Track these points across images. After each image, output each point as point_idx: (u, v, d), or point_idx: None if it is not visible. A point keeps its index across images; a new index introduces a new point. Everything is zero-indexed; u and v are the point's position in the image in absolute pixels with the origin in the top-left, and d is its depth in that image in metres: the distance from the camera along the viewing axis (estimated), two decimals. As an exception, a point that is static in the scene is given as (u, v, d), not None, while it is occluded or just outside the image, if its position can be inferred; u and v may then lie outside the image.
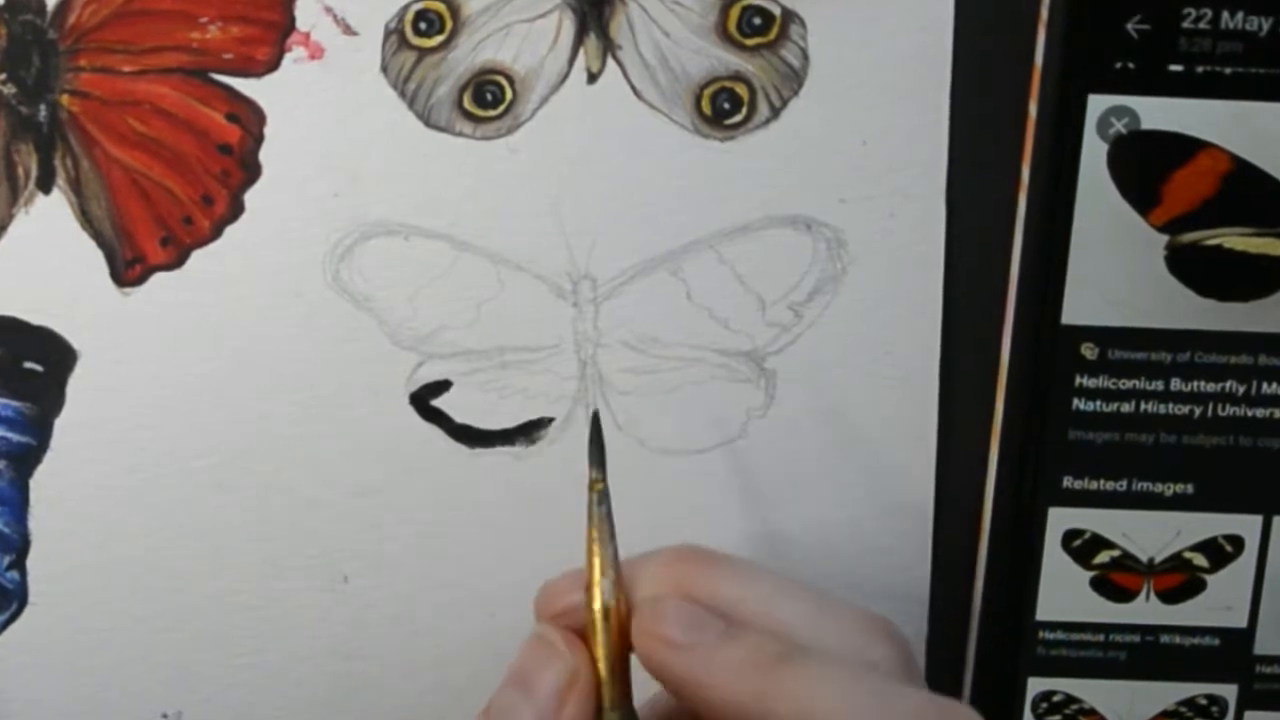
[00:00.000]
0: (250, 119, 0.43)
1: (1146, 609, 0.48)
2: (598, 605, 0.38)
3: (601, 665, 0.37)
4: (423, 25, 0.43)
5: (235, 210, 0.44)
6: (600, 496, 0.39)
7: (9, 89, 0.43)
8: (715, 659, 0.35)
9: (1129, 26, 0.42)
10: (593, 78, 0.44)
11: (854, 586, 0.47)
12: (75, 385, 0.45)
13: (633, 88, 0.44)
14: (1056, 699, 0.49)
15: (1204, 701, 0.49)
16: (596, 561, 0.38)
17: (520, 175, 0.44)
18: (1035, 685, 0.48)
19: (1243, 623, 0.48)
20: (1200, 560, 0.47)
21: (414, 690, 0.48)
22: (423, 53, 0.43)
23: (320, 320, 0.45)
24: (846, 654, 0.36)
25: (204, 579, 0.47)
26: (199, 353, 0.45)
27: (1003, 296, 0.45)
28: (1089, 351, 0.45)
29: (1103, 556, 0.47)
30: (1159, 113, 0.43)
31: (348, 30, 0.43)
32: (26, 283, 0.44)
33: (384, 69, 0.43)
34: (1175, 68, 0.42)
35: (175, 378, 0.45)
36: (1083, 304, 0.45)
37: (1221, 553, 0.47)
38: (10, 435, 0.45)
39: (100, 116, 0.43)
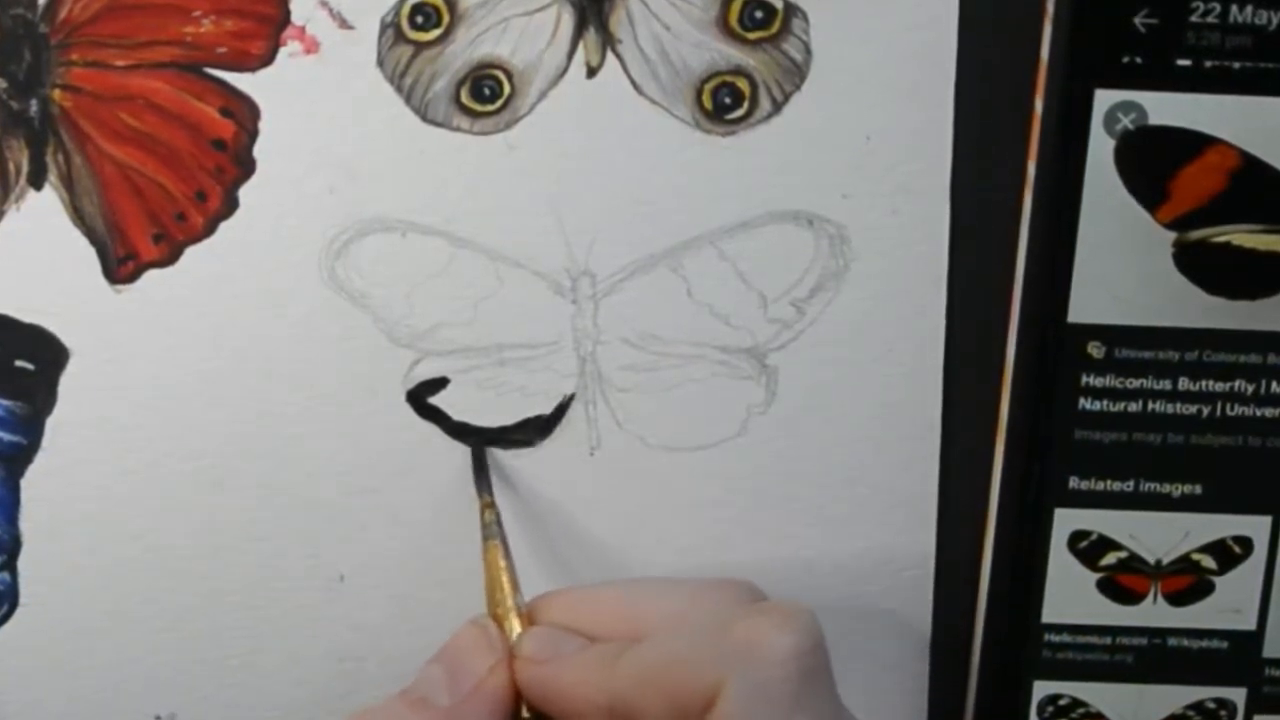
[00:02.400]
0: (244, 114, 0.43)
1: (1154, 611, 0.48)
2: (515, 622, 0.41)
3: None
4: (419, 19, 0.43)
5: (229, 206, 0.44)
6: (496, 515, 0.44)
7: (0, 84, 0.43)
8: (568, 666, 0.39)
9: (1136, 20, 0.42)
10: (592, 72, 0.44)
11: (855, 587, 0.48)
12: (67, 384, 0.45)
13: (633, 82, 0.44)
14: (1062, 702, 0.49)
15: (1212, 705, 0.49)
16: (506, 579, 0.42)
17: (519, 171, 0.44)
18: (1041, 688, 0.49)
19: (1251, 625, 0.48)
20: (1208, 562, 0.47)
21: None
22: (419, 47, 0.43)
23: (316, 318, 0.45)
24: (692, 611, 0.39)
25: (198, 579, 0.47)
26: (193, 351, 0.45)
27: (1007, 294, 0.46)
28: (1095, 350, 0.45)
29: (1109, 558, 0.47)
30: (1166, 108, 0.43)
31: (343, 24, 0.43)
32: (17, 280, 0.44)
33: (380, 63, 0.43)
34: (1183, 62, 0.42)
35: (169, 376, 0.45)
36: (1089, 302, 0.45)
37: (1230, 554, 0.47)
38: (1, 435, 0.45)
39: (92, 111, 0.43)
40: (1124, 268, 0.44)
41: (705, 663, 0.35)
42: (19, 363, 0.44)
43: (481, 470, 0.45)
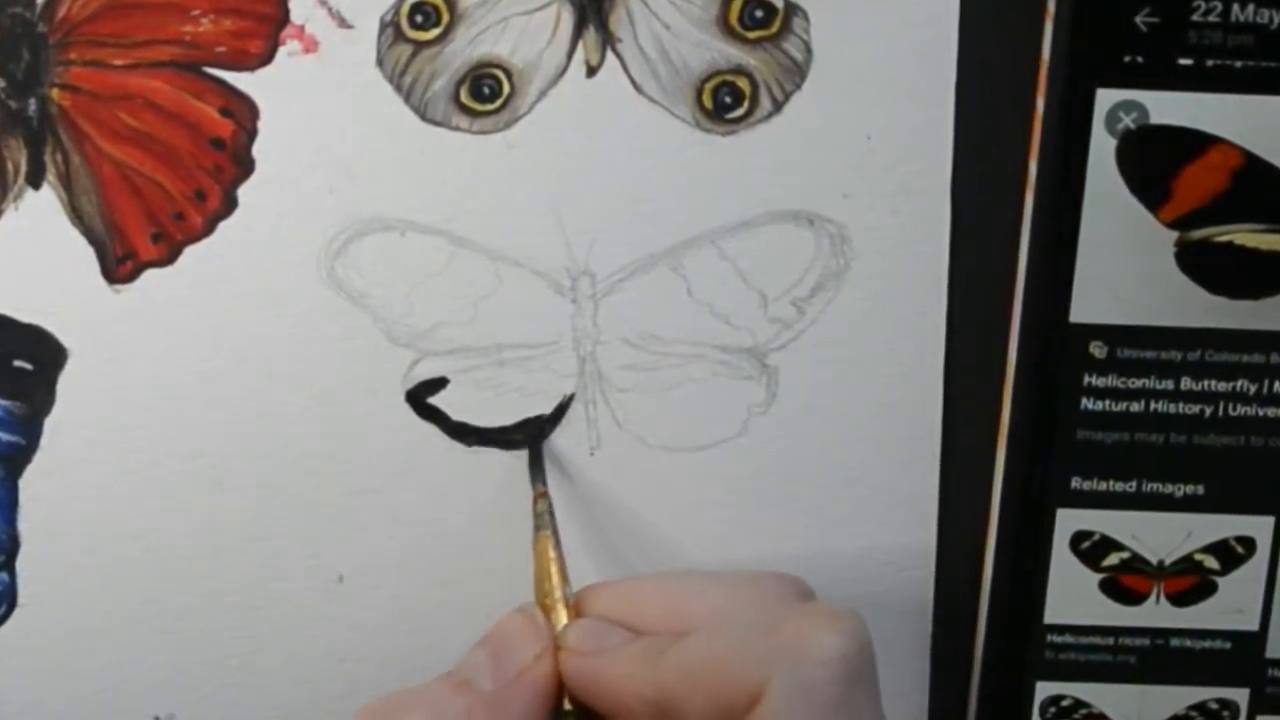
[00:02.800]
0: (243, 113, 0.43)
1: (1156, 612, 0.48)
2: (564, 615, 0.41)
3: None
4: (419, 18, 0.43)
5: (228, 206, 0.44)
6: (549, 505, 0.44)
7: (-2, 83, 0.43)
8: (613, 658, 0.39)
9: (1138, 19, 0.42)
10: (592, 71, 0.44)
11: (856, 587, 0.48)
12: (66, 384, 0.45)
13: (633, 81, 0.44)
14: (1065, 703, 0.49)
15: (1215, 706, 0.49)
16: (556, 571, 0.42)
17: (518, 170, 0.44)
18: (1043, 689, 0.49)
19: (1254, 626, 0.48)
20: (1211, 562, 0.47)
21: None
22: (419, 46, 0.43)
23: (315, 317, 0.45)
24: (740, 607, 0.39)
25: (197, 580, 0.47)
26: (191, 351, 0.45)
27: (1009, 294, 0.46)
28: (1098, 350, 0.45)
29: (1112, 558, 0.47)
30: (1168, 107, 0.43)
31: (342, 23, 0.43)
32: (16, 280, 0.44)
33: (379, 62, 0.43)
34: (1185, 61, 0.42)
35: (168, 376, 0.45)
36: (1091, 302, 0.45)
37: (1233, 554, 0.47)
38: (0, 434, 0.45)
39: (91, 111, 0.43)
40: (1126, 267, 0.44)
41: (751, 661, 0.35)
42: (17, 363, 0.45)
43: (537, 462, 0.45)
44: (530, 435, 0.46)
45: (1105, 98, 0.43)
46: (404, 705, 0.39)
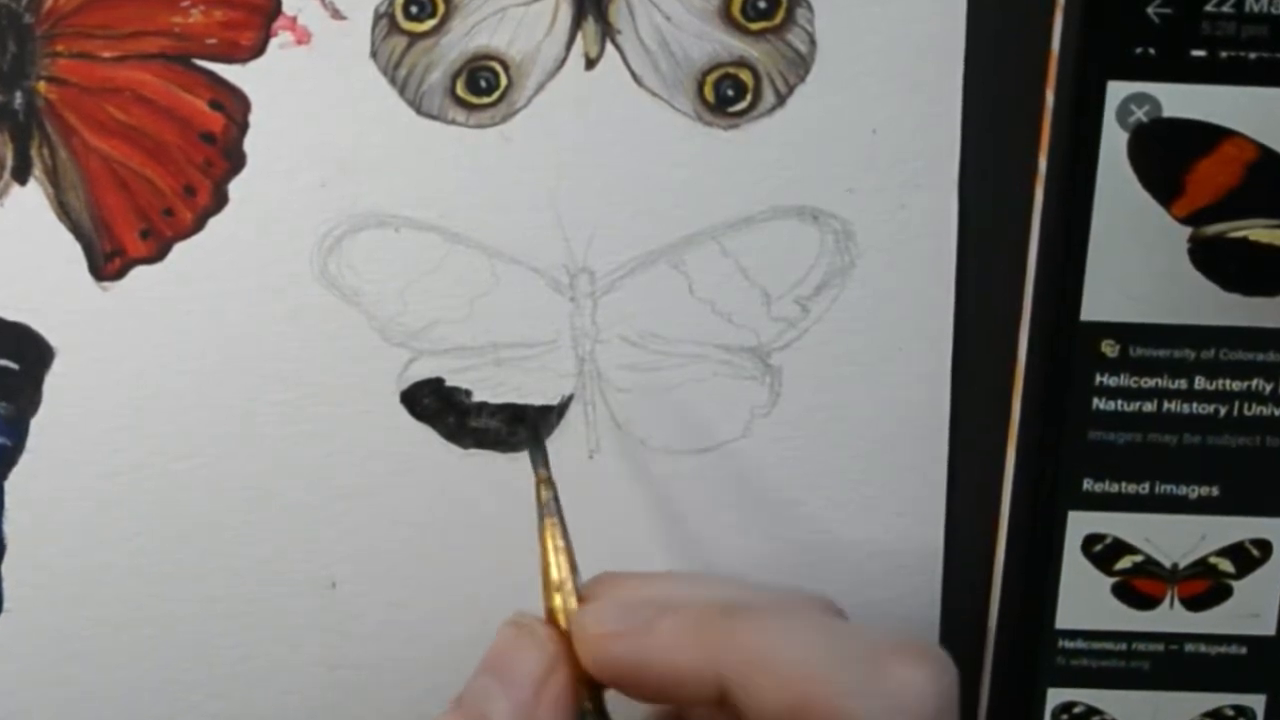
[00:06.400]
0: (234, 106, 0.44)
1: (1170, 616, 0.48)
2: (574, 603, 0.38)
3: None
4: (414, 9, 0.43)
5: (218, 201, 0.44)
6: (554, 491, 0.41)
7: (-17, 76, 0.43)
8: (656, 631, 0.36)
9: (1150, 10, 0.42)
10: (591, 63, 0.44)
11: (863, 592, 0.48)
12: (52, 383, 0.45)
13: (632, 74, 0.44)
14: (1077, 710, 0.49)
15: (1231, 712, 0.49)
16: (564, 559, 0.39)
17: (515, 165, 0.44)
18: (1055, 696, 0.49)
19: (1271, 630, 0.48)
20: (1226, 565, 0.47)
21: (404, 699, 0.48)
22: (414, 38, 0.44)
23: (307, 315, 0.45)
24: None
25: (187, 585, 0.47)
26: (181, 350, 0.45)
27: (1019, 291, 0.46)
28: (1109, 349, 0.46)
29: (1124, 562, 0.47)
30: (1181, 100, 0.43)
31: (336, 14, 0.43)
32: (1, 277, 0.44)
33: (373, 54, 0.43)
34: (1198, 53, 0.43)
35: (156, 376, 0.45)
36: (1103, 299, 0.45)
37: (1248, 558, 0.47)
38: (-15, 436, 0.45)
39: (78, 104, 0.44)
40: (1138, 264, 0.45)
41: (849, 688, 0.34)
42: (3, 362, 0.45)
43: (538, 446, 0.44)
44: (531, 421, 0.46)
45: (1117, 90, 0.43)
46: None
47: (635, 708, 0.39)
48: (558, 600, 0.39)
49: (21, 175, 0.44)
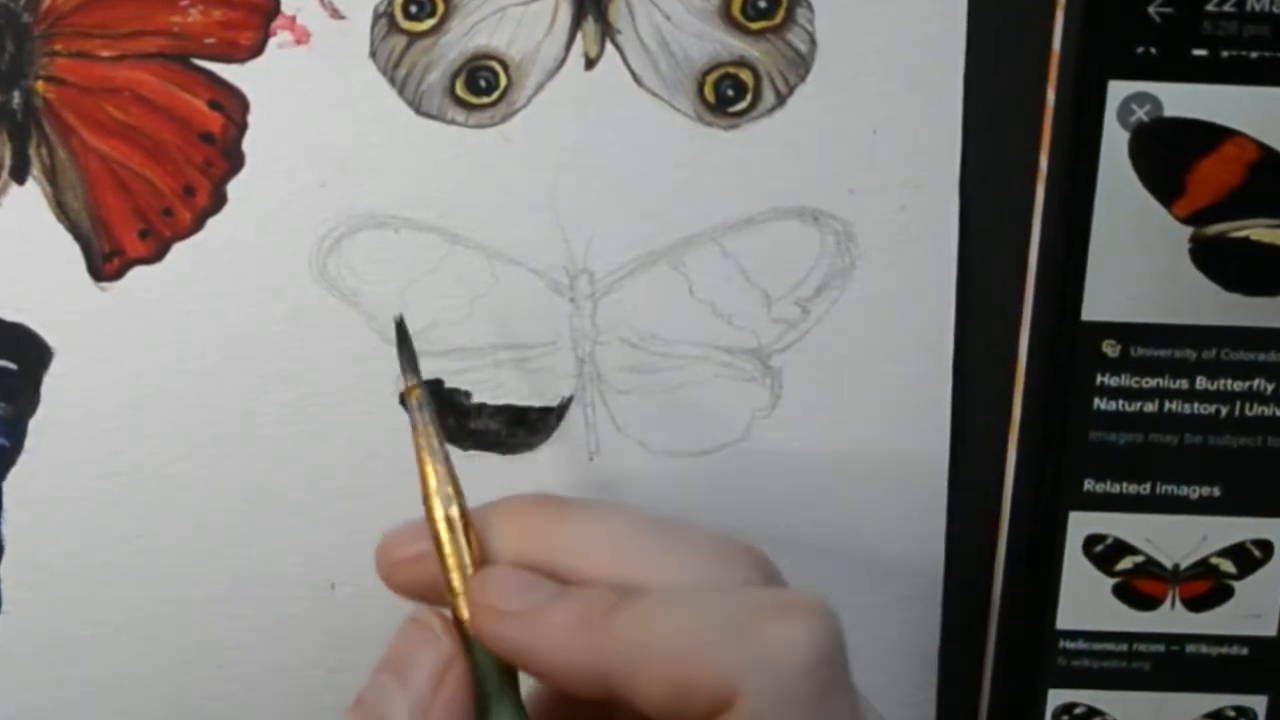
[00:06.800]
0: (233, 106, 0.44)
1: (1172, 617, 0.48)
2: (440, 515, 0.37)
3: (455, 578, 0.37)
4: (413, 8, 0.43)
5: (217, 201, 0.44)
6: (420, 403, 0.39)
7: (-19, 76, 0.43)
8: (546, 620, 0.35)
9: (1151, 10, 0.42)
10: (590, 63, 0.44)
11: (863, 594, 0.48)
12: (51, 384, 0.45)
13: (632, 74, 0.44)
14: (1078, 711, 0.49)
15: (1232, 714, 0.49)
16: (430, 471, 0.38)
17: (515, 165, 0.44)
18: (1056, 697, 0.49)
19: (1272, 631, 0.48)
20: (1227, 566, 0.47)
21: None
22: (413, 37, 0.44)
23: (306, 316, 0.45)
24: (699, 583, 0.36)
25: (186, 585, 0.47)
26: (179, 351, 0.45)
27: (1020, 292, 0.46)
28: (1110, 349, 0.46)
29: (1125, 563, 0.47)
30: (1182, 99, 0.43)
31: (335, 14, 0.43)
32: (0, 277, 0.45)
33: (373, 54, 0.44)
34: (1199, 52, 0.43)
35: (155, 376, 0.45)
36: (1104, 299, 0.45)
37: (1250, 558, 0.47)
38: (-17, 437, 0.45)
39: (77, 104, 0.44)
40: (1139, 264, 0.45)
41: (722, 659, 0.33)
42: (1, 362, 0.45)
43: (406, 346, 0.40)
44: (398, 322, 0.41)
45: (1118, 90, 0.43)
46: None
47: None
48: (443, 530, 0.37)
49: (20, 175, 0.44)
